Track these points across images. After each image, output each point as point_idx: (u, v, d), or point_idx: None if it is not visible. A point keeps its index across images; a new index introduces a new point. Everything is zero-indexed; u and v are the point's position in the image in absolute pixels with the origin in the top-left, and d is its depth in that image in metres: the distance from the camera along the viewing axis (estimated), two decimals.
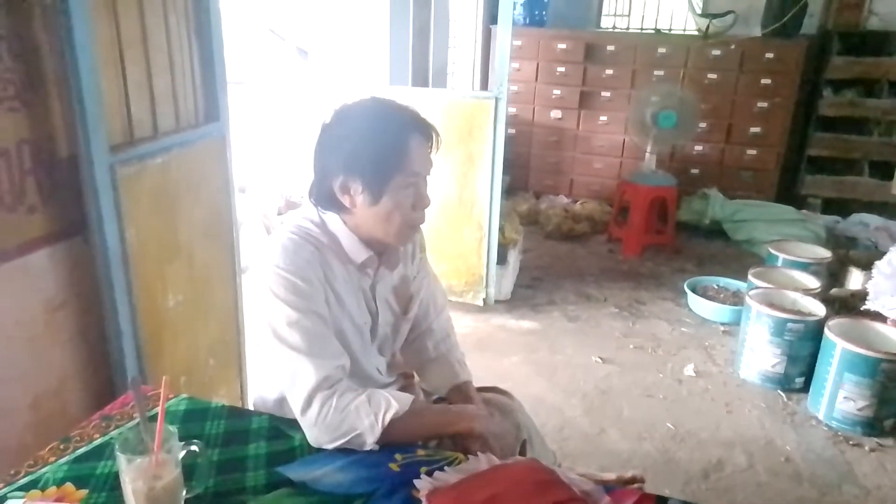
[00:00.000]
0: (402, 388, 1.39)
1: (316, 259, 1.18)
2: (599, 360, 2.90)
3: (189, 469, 0.95)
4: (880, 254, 2.96)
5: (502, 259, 3.36)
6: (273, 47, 3.83)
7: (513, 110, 5.19)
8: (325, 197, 1.20)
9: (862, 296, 2.85)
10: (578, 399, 2.57)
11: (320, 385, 1.10)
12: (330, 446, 1.09)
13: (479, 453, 1.04)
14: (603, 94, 5.00)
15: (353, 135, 1.16)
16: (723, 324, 3.25)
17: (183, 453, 0.92)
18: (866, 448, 2.34)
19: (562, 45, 5.01)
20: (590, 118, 5.09)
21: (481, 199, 3.15)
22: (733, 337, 3.06)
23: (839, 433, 2.41)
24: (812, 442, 2.36)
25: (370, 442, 1.08)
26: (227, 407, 1.22)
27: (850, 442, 2.36)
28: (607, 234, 4.59)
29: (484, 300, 3.30)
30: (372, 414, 1.09)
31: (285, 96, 3.59)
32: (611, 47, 4.95)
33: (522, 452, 1.32)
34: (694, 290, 3.47)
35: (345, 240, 1.22)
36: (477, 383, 1.44)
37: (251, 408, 1.43)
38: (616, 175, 5.01)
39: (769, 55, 4.59)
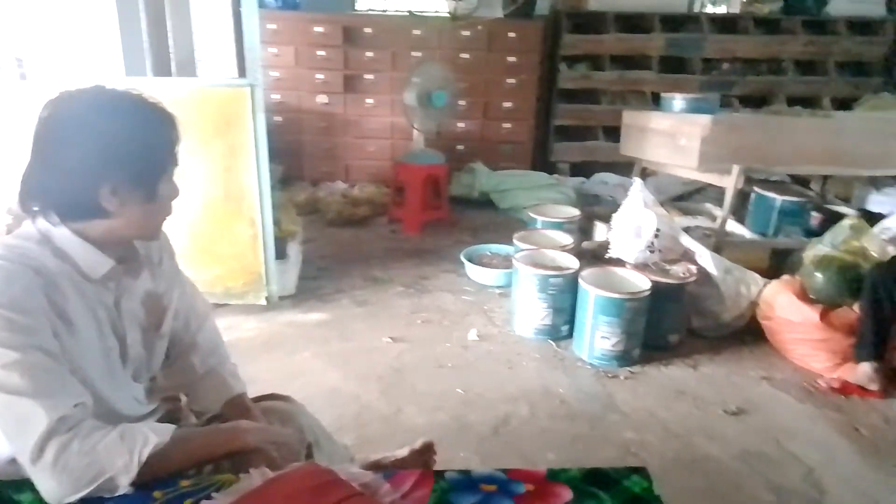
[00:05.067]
0: (168, 414, 1.26)
1: (37, 286, 1.00)
2: (391, 339, 2.94)
3: None
4: (618, 207, 3.39)
5: (282, 253, 3.23)
6: None
7: (277, 97, 5.01)
8: (76, 206, 1.04)
9: (606, 246, 3.24)
10: (374, 382, 2.58)
11: (55, 429, 0.94)
12: (73, 498, 0.94)
13: (251, 469, 0.98)
14: (366, 76, 5.04)
15: (109, 132, 1.02)
16: (499, 287, 3.49)
17: None
18: (622, 378, 2.68)
19: (319, 29, 4.93)
20: (357, 102, 5.10)
21: (250, 192, 2.99)
22: (508, 298, 3.31)
23: (600, 369, 2.73)
24: (580, 382, 2.65)
25: (124, 484, 0.95)
26: None
27: (609, 375, 2.70)
28: (388, 215, 4.67)
29: (267, 298, 3.16)
30: (126, 452, 0.96)
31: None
32: (368, 30, 4.99)
33: (310, 456, 1.27)
34: (471, 260, 3.68)
35: (79, 254, 1.06)
36: (269, 386, 1.36)
37: None
38: (389, 156, 5.11)
39: (512, 35, 4.98)
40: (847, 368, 2.66)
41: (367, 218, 4.66)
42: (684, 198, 4.75)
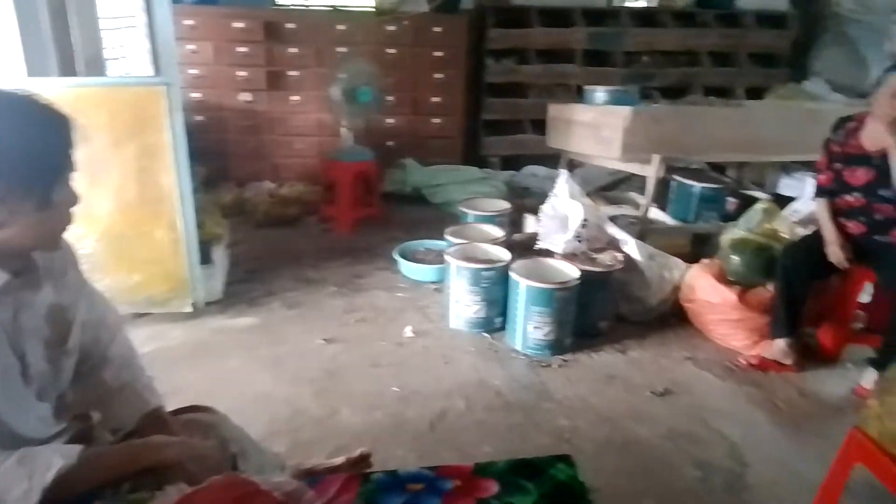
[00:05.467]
0: (79, 433, 1.19)
1: None
2: (324, 341, 2.89)
3: None
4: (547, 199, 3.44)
5: (207, 257, 3.13)
6: None
7: (197, 95, 4.84)
8: None
9: (536, 237, 3.29)
10: (307, 386, 2.53)
11: None
12: None
13: (166, 486, 0.94)
14: (290, 73, 4.93)
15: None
16: (433, 283, 3.49)
17: None
18: (555, 366, 2.73)
19: (239, 24, 4.78)
20: (281, 99, 4.98)
21: (170, 195, 2.86)
22: (443, 293, 3.31)
23: (534, 359, 2.78)
24: (514, 372, 2.68)
25: None
26: None
27: (543, 364, 2.74)
28: (319, 214, 4.59)
29: (193, 305, 3.05)
30: (25, 478, 0.90)
31: None
32: (291, 25, 4.87)
33: (235, 468, 1.23)
34: (404, 256, 3.66)
35: None
36: (197, 396, 1.30)
37: None
38: (318, 154, 5.02)
39: (437, 29, 4.98)
40: (764, 345, 2.80)
41: (298, 217, 4.57)
42: (610, 188, 4.88)
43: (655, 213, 3.78)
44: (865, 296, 2.90)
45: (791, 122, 3.57)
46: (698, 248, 3.51)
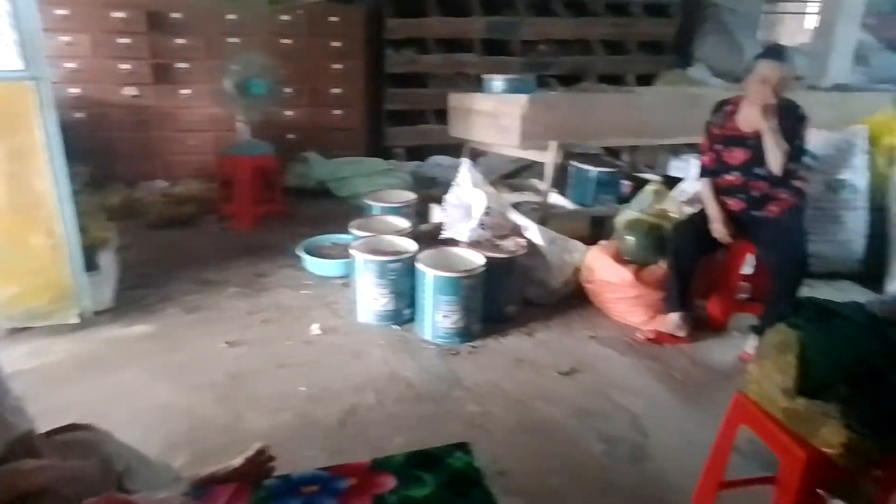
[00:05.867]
0: None
1: None
2: (227, 344, 2.78)
3: None
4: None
5: (92, 264, 2.92)
6: None
7: (76, 91, 4.50)
8: None
9: (442, 227, 3.30)
10: (209, 392, 2.42)
11: None
12: None
13: None
14: (179, 65, 4.68)
15: None
16: (340, 278, 3.43)
17: None
18: (464, 354, 2.76)
19: (119, 14, 4.48)
20: (170, 93, 4.72)
21: (46, 200, 2.64)
22: (350, 288, 3.26)
23: (444, 347, 2.79)
24: (425, 362, 2.68)
25: None
26: None
27: (453, 353, 2.76)
28: (217, 212, 4.40)
29: (80, 315, 2.84)
30: None
31: None
32: (177, 15, 4.62)
33: (122, 486, 1.15)
34: (310, 252, 3.58)
35: None
36: (86, 412, 1.20)
37: None
38: (213, 150, 4.80)
39: (333, 19, 4.88)
40: (659, 320, 2.94)
41: (194, 217, 4.36)
42: (513, 175, 4.97)
43: (556, 199, 3.89)
44: (748, 268, 3.11)
45: (676, 107, 3.77)
46: (596, 231, 3.65)
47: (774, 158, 2.70)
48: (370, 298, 2.93)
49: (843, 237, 3.59)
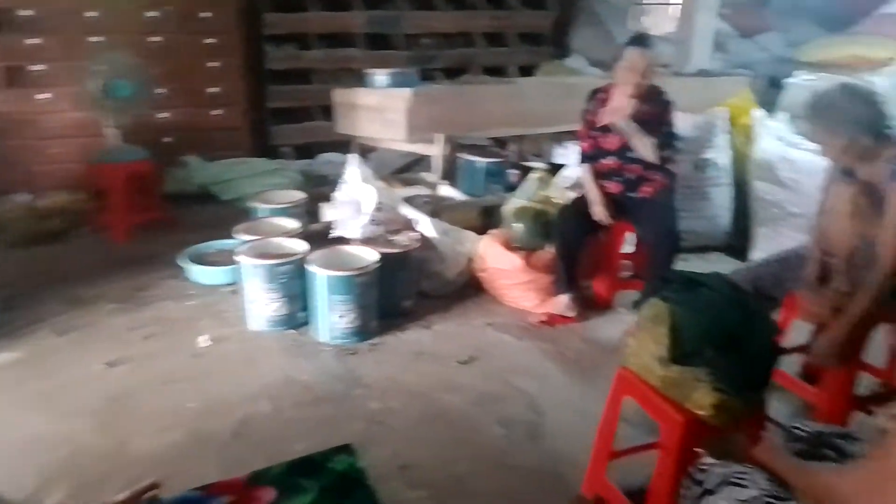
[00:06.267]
0: None
1: None
2: (106, 365, 2.59)
3: None
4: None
5: None
6: None
7: None
8: None
9: (332, 225, 3.25)
10: (88, 418, 2.25)
11: None
12: None
13: None
14: (33, 68, 4.30)
15: None
16: (229, 285, 3.28)
17: None
18: (363, 352, 2.73)
19: None
20: (25, 97, 4.33)
21: None
22: (239, 295, 3.13)
23: (341, 348, 2.75)
24: (323, 364, 2.63)
25: None
26: None
27: (351, 352, 2.72)
28: (90, 225, 4.09)
29: None
30: None
31: None
32: (27, 12, 4.23)
33: None
34: (195, 260, 3.41)
35: None
36: None
37: None
38: (81, 158, 4.44)
39: (205, 14, 4.65)
40: (550, 303, 3.05)
41: (64, 231, 4.02)
42: (405, 169, 4.97)
43: (447, 191, 3.91)
44: (629, 246, 3.29)
45: (555, 96, 3.90)
46: (487, 220, 3.71)
47: (646, 152, 2.87)
48: (261, 304, 2.83)
49: (711, 213, 3.87)
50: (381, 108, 3.54)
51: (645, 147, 2.87)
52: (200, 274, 3.32)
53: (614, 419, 1.84)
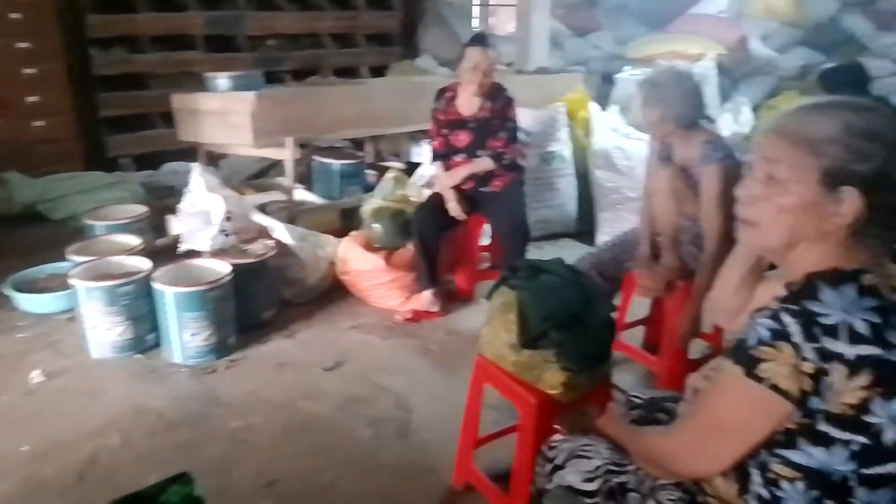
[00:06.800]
0: None
1: None
2: None
3: None
4: None
5: None
6: None
7: None
8: None
9: (180, 239, 3.06)
10: None
11: None
12: None
13: None
14: None
15: None
16: (65, 312, 2.99)
17: None
18: (222, 369, 2.60)
19: None
20: None
21: None
22: (78, 321, 2.86)
23: (197, 367, 2.59)
24: (177, 388, 2.47)
25: None
26: None
27: (208, 371, 2.58)
28: None
29: None
30: None
31: None
32: None
33: None
34: (22, 288, 3.07)
35: None
36: None
37: None
38: None
39: (15, 15, 4.20)
40: (414, 299, 3.08)
41: None
42: (260, 175, 4.79)
43: (303, 195, 3.84)
44: (486, 239, 3.41)
45: (405, 96, 3.94)
46: (347, 222, 3.68)
47: (489, 164, 3.04)
48: (102, 330, 2.61)
49: (559, 202, 4.10)
50: (224, 112, 3.38)
51: (486, 164, 3.02)
52: (29, 302, 3.00)
53: (477, 407, 1.90)
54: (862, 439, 0.92)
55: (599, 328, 1.64)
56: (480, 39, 3.07)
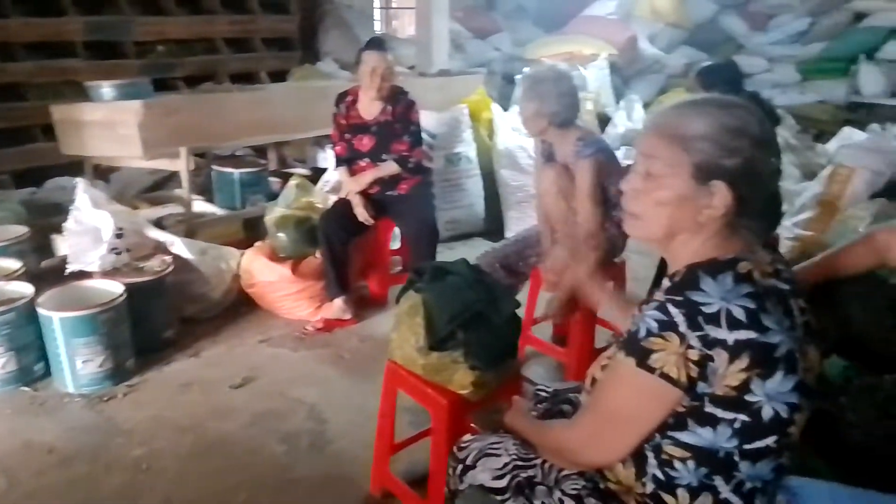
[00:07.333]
0: None
1: None
2: None
3: None
4: None
5: None
6: None
7: None
8: None
9: (67, 260, 2.85)
10: None
11: None
12: None
13: None
14: None
15: None
16: None
17: None
18: (120, 396, 2.45)
19: None
20: None
21: None
22: None
23: (92, 396, 2.43)
24: (70, 419, 2.31)
25: None
26: None
27: (105, 398, 2.42)
28: None
29: None
30: None
31: None
32: None
33: None
34: None
35: None
36: None
37: None
38: None
39: None
40: (325, 308, 3.02)
41: None
42: (156, 187, 4.55)
43: (202, 206, 3.68)
44: (396, 242, 3.40)
45: (306, 101, 3.85)
46: (252, 233, 3.56)
47: (393, 168, 3.03)
48: None
49: (468, 202, 4.15)
50: (109, 123, 3.18)
51: (391, 168, 3.02)
52: None
53: (391, 413, 1.89)
54: (744, 417, 0.98)
55: (504, 325, 1.66)
56: (377, 43, 3.05)
